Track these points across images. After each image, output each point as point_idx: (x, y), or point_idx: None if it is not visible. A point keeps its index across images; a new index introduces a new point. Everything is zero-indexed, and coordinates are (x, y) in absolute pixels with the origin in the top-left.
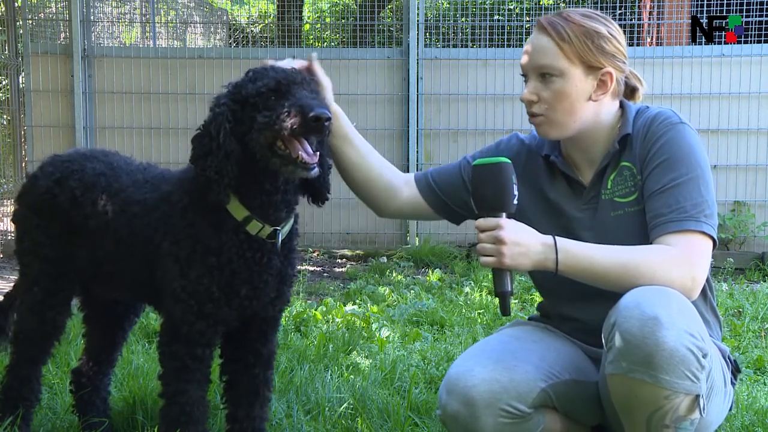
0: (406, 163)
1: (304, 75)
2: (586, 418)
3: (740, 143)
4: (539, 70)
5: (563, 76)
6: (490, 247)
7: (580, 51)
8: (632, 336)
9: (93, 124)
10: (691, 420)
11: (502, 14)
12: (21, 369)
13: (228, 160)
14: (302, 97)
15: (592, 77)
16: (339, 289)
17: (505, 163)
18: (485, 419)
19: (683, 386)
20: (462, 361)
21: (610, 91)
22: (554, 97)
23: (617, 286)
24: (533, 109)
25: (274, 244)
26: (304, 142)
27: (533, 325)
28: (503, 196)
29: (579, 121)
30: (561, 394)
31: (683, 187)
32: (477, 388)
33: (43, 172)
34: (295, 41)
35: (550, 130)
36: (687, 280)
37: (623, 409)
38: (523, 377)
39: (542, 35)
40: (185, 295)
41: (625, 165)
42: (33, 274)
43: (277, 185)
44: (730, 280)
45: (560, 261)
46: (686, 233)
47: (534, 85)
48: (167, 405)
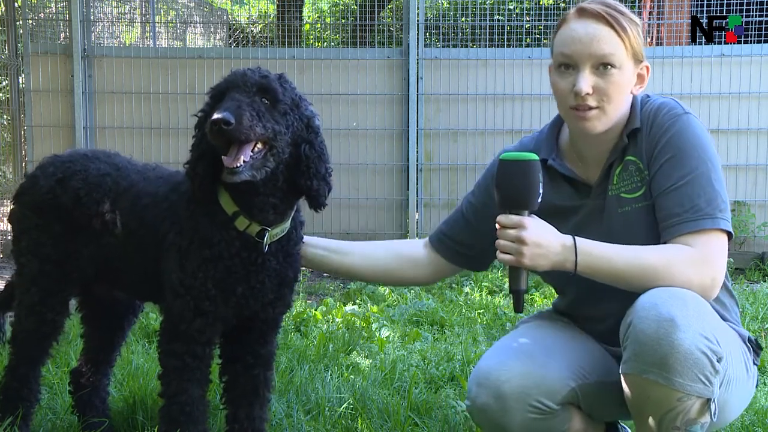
0: (406, 163)
1: (250, 77)
2: (607, 415)
3: (740, 143)
4: (601, 60)
5: (622, 68)
6: (511, 246)
7: (635, 44)
8: (647, 337)
9: (93, 124)
10: (702, 423)
11: (502, 14)
12: (20, 369)
13: (200, 160)
14: (227, 101)
15: (634, 70)
16: (339, 289)
17: (533, 160)
18: (514, 414)
19: (696, 389)
20: (494, 354)
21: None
22: (614, 89)
23: (635, 286)
24: (588, 101)
25: (268, 245)
26: (240, 147)
27: (558, 319)
28: (529, 193)
29: (620, 114)
30: (587, 394)
31: (695, 182)
32: (510, 382)
33: (44, 172)
34: (295, 41)
35: (599, 124)
36: (706, 280)
37: (636, 409)
38: (555, 375)
39: (600, 24)
40: (183, 290)
41: (631, 159)
42: (32, 274)
43: (254, 186)
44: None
45: (579, 262)
46: (703, 232)
47: (589, 76)
48: (167, 404)
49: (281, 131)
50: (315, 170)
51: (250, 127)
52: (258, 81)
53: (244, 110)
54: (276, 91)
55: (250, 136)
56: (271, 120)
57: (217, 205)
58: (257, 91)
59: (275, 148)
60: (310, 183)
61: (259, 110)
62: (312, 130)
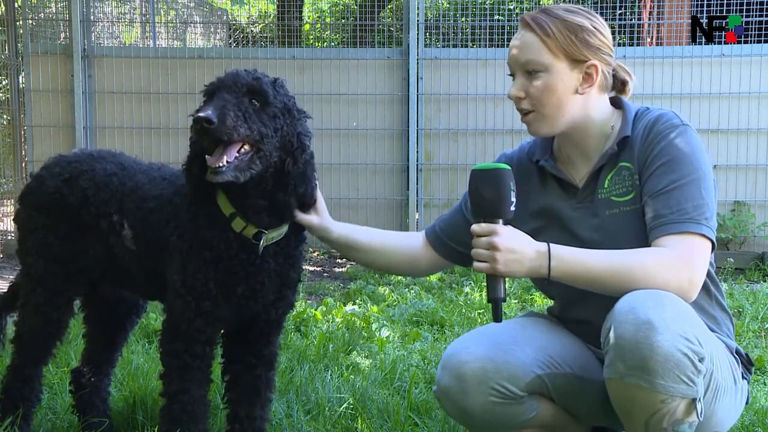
0: (406, 163)
1: (242, 78)
2: (589, 416)
3: (740, 143)
4: (525, 67)
5: (549, 71)
6: (484, 253)
7: (564, 45)
8: (626, 341)
9: (93, 124)
10: (689, 423)
11: (502, 14)
12: (23, 369)
13: (195, 160)
14: (214, 101)
15: (577, 71)
16: (339, 289)
17: (502, 169)
18: (475, 396)
19: (679, 390)
20: (460, 340)
21: (597, 84)
22: (541, 93)
23: (613, 290)
24: (522, 105)
25: (267, 247)
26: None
27: (546, 317)
28: (500, 202)
29: (568, 115)
30: (559, 386)
31: (684, 188)
32: (469, 364)
33: (50, 172)
34: (295, 41)
35: (540, 126)
36: (684, 281)
37: (623, 412)
38: (518, 361)
39: (526, 31)
40: (184, 290)
41: (624, 165)
42: (37, 275)
43: (243, 188)
44: (730, 280)
45: (553, 268)
46: (685, 235)
47: (521, 81)
48: (168, 404)
49: (268, 134)
50: (293, 188)
51: (234, 128)
52: (249, 82)
53: (228, 110)
54: (266, 94)
55: (233, 136)
56: (258, 122)
57: (216, 206)
58: (247, 92)
59: (262, 150)
60: (287, 199)
61: (246, 111)
62: (300, 145)
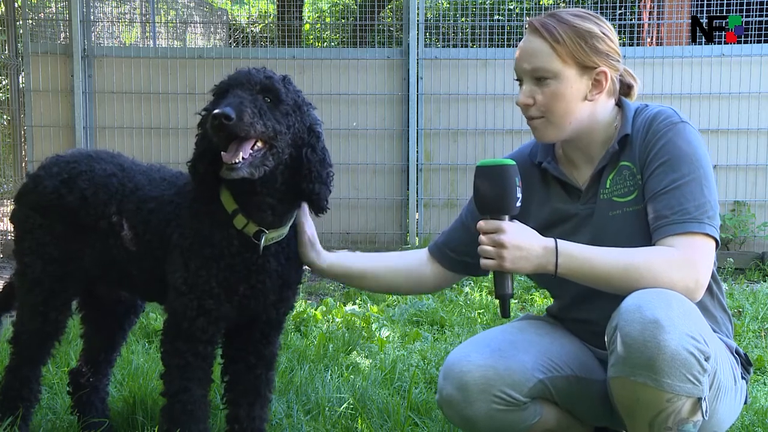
0: (406, 163)
1: (254, 76)
2: (591, 417)
3: (740, 143)
4: (533, 73)
5: (558, 77)
6: (491, 250)
7: (574, 51)
8: (633, 340)
9: (93, 124)
10: (694, 422)
11: (502, 14)
12: (21, 370)
13: (202, 157)
14: (229, 98)
15: (586, 77)
16: (339, 288)
17: (508, 165)
18: (478, 405)
19: (685, 389)
20: (461, 348)
21: (606, 90)
22: (550, 100)
23: (619, 288)
24: (530, 112)
25: (268, 247)
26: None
27: (543, 320)
28: (506, 198)
29: (576, 122)
30: (562, 388)
31: (685, 188)
32: (471, 373)
33: (48, 172)
34: (295, 41)
35: (547, 133)
36: (690, 281)
37: (626, 412)
38: (519, 366)
39: (535, 37)
40: (186, 288)
41: (625, 165)
42: (35, 275)
43: (252, 185)
44: (730, 280)
45: (560, 264)
46: (689, 235)
47: (529, 88)
48: (169, 403)
49: (282, 131)
50: (317, 174)
51: (251, 124)
52: (261, 80)
53: (245, 107)
54: (279, 92)
55: (251, 133)
56: (273, 119)
57: (218, 203)
58: (260, 90)
59: (275, 147)
60: (312, 186)
61: (261, 108)
62: (314, 134)
